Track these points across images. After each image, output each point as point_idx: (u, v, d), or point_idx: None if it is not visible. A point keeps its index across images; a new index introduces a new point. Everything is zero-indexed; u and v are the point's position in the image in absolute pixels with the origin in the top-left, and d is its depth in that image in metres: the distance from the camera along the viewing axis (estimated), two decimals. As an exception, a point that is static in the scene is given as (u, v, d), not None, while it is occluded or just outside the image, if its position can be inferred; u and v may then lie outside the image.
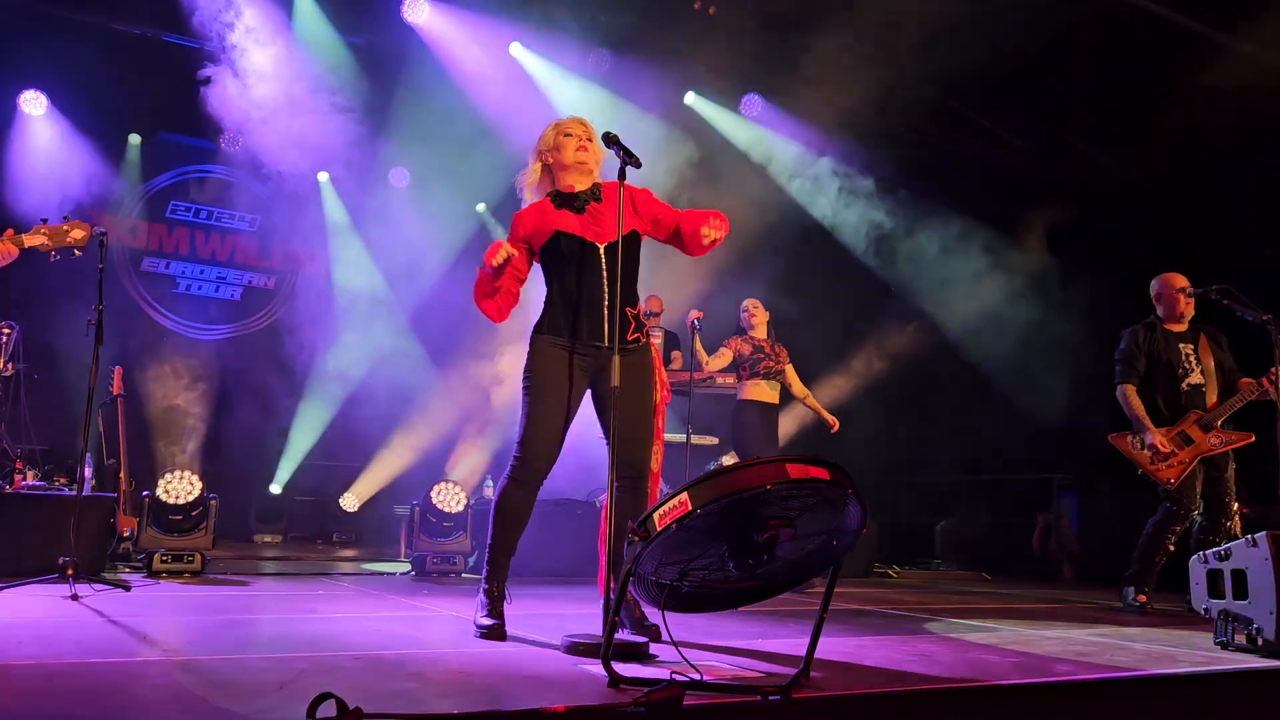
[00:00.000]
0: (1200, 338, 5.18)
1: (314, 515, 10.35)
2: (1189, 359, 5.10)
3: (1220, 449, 4.97)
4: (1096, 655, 3.24)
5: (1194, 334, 5.18)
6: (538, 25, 8.38)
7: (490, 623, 3.24)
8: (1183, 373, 5.06)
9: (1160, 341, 5.13)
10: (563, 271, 3.41)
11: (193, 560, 5.36)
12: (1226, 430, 4.98)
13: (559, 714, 1.95)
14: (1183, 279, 5.18)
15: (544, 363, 3.38)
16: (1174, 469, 4.93)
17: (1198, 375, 5.07)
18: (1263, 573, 3.37)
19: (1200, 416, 5.00)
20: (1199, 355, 5.12)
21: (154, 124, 9.78)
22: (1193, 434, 5.00)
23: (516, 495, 3.39)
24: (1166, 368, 5.08)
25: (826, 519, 2.48)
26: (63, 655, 2.70)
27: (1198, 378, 5.07)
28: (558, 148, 3.48)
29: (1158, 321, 5.21)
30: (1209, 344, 5.17)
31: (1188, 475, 4.94)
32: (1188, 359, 5.10)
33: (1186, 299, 5.14)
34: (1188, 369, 5.08)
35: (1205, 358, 5.13)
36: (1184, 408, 5.03)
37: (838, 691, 2.34)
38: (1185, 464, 4.93)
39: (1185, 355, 5.10)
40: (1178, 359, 5.08)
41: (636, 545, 2.35)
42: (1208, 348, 5.15)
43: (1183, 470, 4.93)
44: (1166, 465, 4.94)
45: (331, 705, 1.80)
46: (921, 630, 3.91)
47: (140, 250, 10.10)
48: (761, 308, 6.44)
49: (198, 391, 9.74)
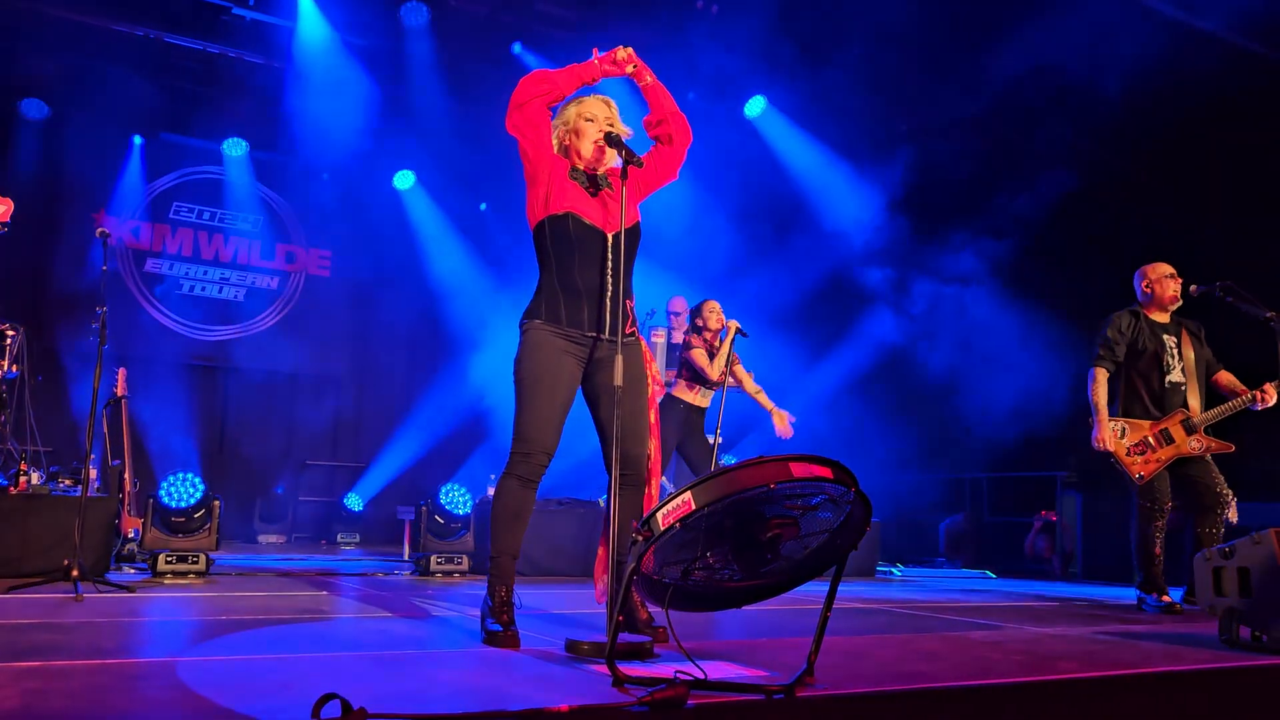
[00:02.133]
0: (1182, 331, 5.17)
1: (318, 515, 10.37)
2: (1173, 353, 5.09)
3: (1199, 453, 4.97)
4: (1101, 653, 3.23)
5: (1176, 326, 5.18)
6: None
7: (499, 629, 3.08)
8: (1167, 366, 5.05)
9: (1145, 331, 5.11)
10: (566, 256, 3.27)
11: (197, 561, 5.37)
12: (1209, 436, 4.98)
13: (563, 714, 1.95)
14: (1169, 267, 5.19)
15: (540, 352, 3.25)
16: (1149, 465, 4.94)
17: (1178, 373, 5.07)
18: (1267, 570, 3.36)
19: (1186, 417, 4.99)
20: (1180, 349, 5.12)
21: (156, 125, 9.80)
22: (1175, 434, 5.00)
23: (517, 491, 3.25)
24: (1153, 359, 5.07)
25: (829, 517, 2.48)
26: (68, 656, 2.70)
27: (1178, 375, 5.07)
28: (576, 132, 3.38)
29: (1141, 309, 5.20)
30: (1189, 338, 5.16)
31: (1162, 471, 4.95)
32: (1171, 352, 5.09)
33: (1175, 283, 5.13)
34: (1170, 364, 5.07)
35: (1186, 351, 5.12)
36: (1169, 403, 5.03)
37: (842, 690, 2.34)
38: (1161, 462, 4.94)
39: (1170, 347, 5.09)
40: (1163, 350, 5.07)
41: (640, 544, 2.35)
42: (1189, 341, 5.15)
43: (1156, 468, 4.94)
44: (1143, 460, 4.95)
45: (336, 705, 1.80)
46: (925, 629, 3.91)
47: (144, 251, 10.13)
48: (720, 311, 6.24)
49: (201, 392, 9.76)
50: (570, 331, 3.27)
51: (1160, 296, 5.16)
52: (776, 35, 8.14)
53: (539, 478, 3.29)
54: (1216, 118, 7.76)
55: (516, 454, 3.26)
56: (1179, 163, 8.27)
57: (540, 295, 3.34)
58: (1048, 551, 8.28)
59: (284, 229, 10.77)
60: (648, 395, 3.44)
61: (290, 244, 10.81)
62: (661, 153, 3.48)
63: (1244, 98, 7.51)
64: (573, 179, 3.35)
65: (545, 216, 3.31)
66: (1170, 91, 7.24)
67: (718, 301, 6.28)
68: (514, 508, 3.27)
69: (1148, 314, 5.19)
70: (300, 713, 1.85)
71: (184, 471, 5.57)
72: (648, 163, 3.45)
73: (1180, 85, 7.17)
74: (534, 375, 3.25)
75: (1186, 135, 7.92)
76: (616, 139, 3.25)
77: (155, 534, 5.40)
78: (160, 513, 5.45)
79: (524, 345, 3.30)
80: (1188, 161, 8.29)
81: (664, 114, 3.44)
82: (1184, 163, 8.29)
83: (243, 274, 10.62)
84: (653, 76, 3.44)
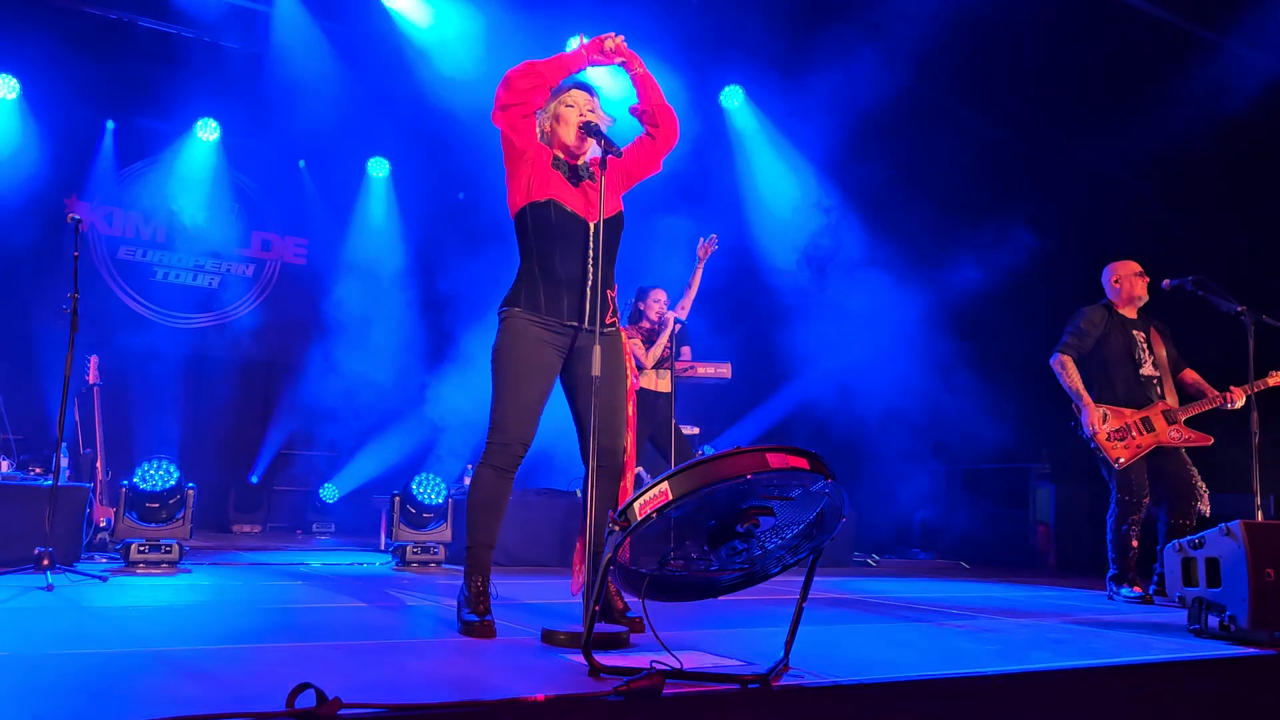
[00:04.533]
0: (1151, 329, 5.27)
1: (293, 505, 10.31)
2: (1143, 347, 5.19)
3: (1178, 444, 5.06)
4: (1072, 643, 3.27)
5: (1145, 323, 5.28)
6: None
7: (475, 619, 3.07)
8: (1139, 359, 5.15)
9: (1116, 326, 5.21)
10: (548, 244, 3.25)
11: (170, 550, 5.32)
12: (1188, 428, 5.08)
13: (539, 703, 1.95)
14: (1137, 265, 5.30)
15: (518, 340, 3.23)
16: (1129, 450, 5.01)
17: (1150, 367, 5.18)
18: (1237, 560, 3.40)
19: (1167, 408, 5.09)
20: (1151, 345, 5.22)
21: (129, 109, 9.67)
22: (1156, 423, 5.09)
23: (493, 481, 3.24)
24: (1125, 353, 5.16)
25: (806, 508, 2.49)
26: (38, 646, 2.67)
27: (1150, 369, 5.17)
28: (557, 118, 3.37)
29: (1112, 305, 5.29)
30: (1160, 336, 5.26)
31: (1136, 461, 5.02)
32: (1142, 347, 5.19)
33: (1142, 281, 5.22)
34: (1142, 358, 5.17)
35: (1158, 349, 5.23)
36: (1142, 396, 5.12)
37: (817, 680, 2.35)
38: (1141, 449, 5.01)
39: (1140, 343, 5.19)
40: (1134, 345, 5.17)
41: (616, 534, 2.35)
42: (1159, 339, 5.25)
43: (1136, 453, 5.01)
44: (1123, 445, 5.02)
45: (311, 695, 1.79)
46: (900, 619, 3.94)
47: (116, 238, 10.00)
48: (665, 301, 6.28)
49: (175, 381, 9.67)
50: (549, 320, 3.26)
51: (1128, 293, 5.25)
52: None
53: (515, 468, 3.28)
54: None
55: (493, 444, 3.24)
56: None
57: (520, 283, 3.32)
58: (1043, 545, 8.35)
59: (260, 216, 10.67)
60: (626, 387, 3.43)
61: (266, 231, 10.71)
62: (645, 144, 3.46)
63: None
64: (555, 168, 3.33)
65: (527, 204, 3.29)
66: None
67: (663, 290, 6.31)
68: (490, 498, 3.26)
69: (1118, 309, 5.28)
70: (274, 702, 1.83)
71: (158, 458, 5.52)
72: (631, 153, 3.44)
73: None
74: (512, 364, 3.23)
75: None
76: (595, 128, 3.24)
77: (128, 523, 5.34)
78: (133, 501, 5.38)
79: (502, 334, 3.28)
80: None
81: (651, 105, 3.42)
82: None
83: (218, 261, 10.51)
84: (643, 66, 3.41)
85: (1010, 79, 8.18)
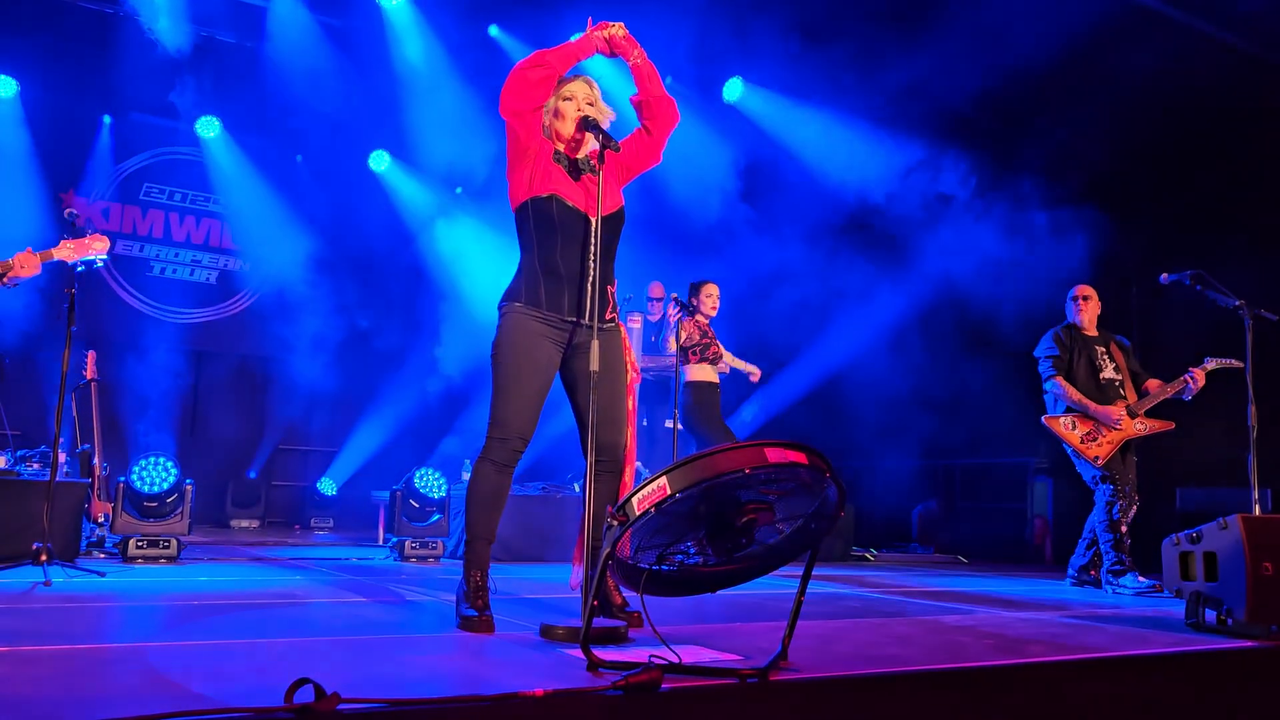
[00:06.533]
0: (1111, 343, 5.77)
1: (292, 500, 10.31)
2: (1104, 357, 5.68)
3: (1144, 434, 5.51)
4: (1070, 636, 3.27)
5: (1105, 339, 5.78)
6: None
7: (474, 614, 3.06)
8: (1100, 365, 5.63)
9: (1079, 340, 5.70)
10: (549, 238, 3.24)
11: (168, 546, 5.32)
12: (1149, 419, 5.52)
13: (537, 698, 1.95)
14: (1090, 289, 5.83)
15: (518, 335, 3.22)
16: (1103, 447, 5.46)
17: (1111, 371, 5.66)
18: (1234, 554, 3.41)
19: (1128, 405, 5.52)
20: (1111, 355, 5.71)
21: (126, 104, 9.65)
22: (1122, 421, 5.53)
23: (493, 476, 3.24)
24: (1087, 362, 5.66)
25: (804, 503, 2.49)
26: (37, 642, 2.67)
27: (1111, 374, 5.65)
28: (557, 112, 3.35)
29: (1074, 325, 5.80)
30: (1119, 349, 5.75)
31: (1113, 456, 5.45)
32: (1102, 357, 5.67)
33: (1093, 303, 5.75)
34: (1103, 364, 5.64)
35: (1118, 357, 5.71)
36: (1106, 398, 5.53)
37: (815, 674, 2.35)
38: (1112, 444, 5.45)
39: (1099, 353, 5.68)
40: (1095, 355, 5.66)
41: (615, 529, 2.35)
42: (1118, 351, 5.73)
43: (1110, 449, 5.45)
44: (1096, 445, 5.46)
45: (309, 690, 1.79)
46: (898, 613, 3.94)
47: (114, 233, 9.98)
48: (717, 295, 6.52)
49: (172, 376, 9.66)
50: (550, 315, 3.25)
51: (1083, 313, 5.75)
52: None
53: (515, 463, 3.28)
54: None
55: (493, 439, 3.24)
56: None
57: (520, 277, 3.31)
58: (1038, 538, 8.38)
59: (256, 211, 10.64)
60: (625, 382, 3.42)
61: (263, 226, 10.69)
62: (642, 138, 3.45)
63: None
64: (556, 162, 3.32)
65: (529, 198, 3.28)
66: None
67: (716, 285, 6.45)
68: (490, 492, 3.26)
69: (1079, 329, 5.77)
70: (273, 698, 1.83)
71: (155, 454, 5.51)
72: (630, 146, 3.42)
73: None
74: (512, 360, 3.22)
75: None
76: (593, 124, 3.21)
77: (126, 519, 5.34)
78: (131, 497, 5.38)
79: (502, 328, 3.27)
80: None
81: (649, 95, 3.39)
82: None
83: (215, 256, 10.50)
84: (643, 56, 3.37)
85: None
